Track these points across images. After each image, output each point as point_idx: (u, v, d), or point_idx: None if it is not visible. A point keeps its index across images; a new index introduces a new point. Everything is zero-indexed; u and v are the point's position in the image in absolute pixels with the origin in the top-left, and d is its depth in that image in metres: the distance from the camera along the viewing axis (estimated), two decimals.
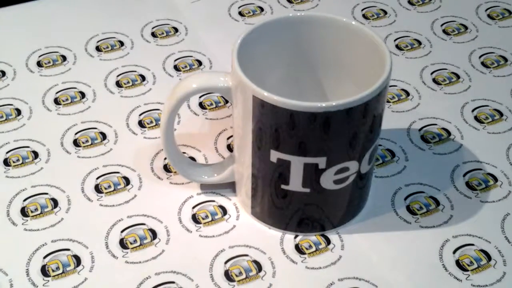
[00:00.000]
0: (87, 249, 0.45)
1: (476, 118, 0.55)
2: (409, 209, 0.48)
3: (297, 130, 0.41)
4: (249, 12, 0.64)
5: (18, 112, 0.54)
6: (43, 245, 0.45)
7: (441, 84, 0.58)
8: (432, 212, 0.48)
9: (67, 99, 0.55)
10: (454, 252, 0.46)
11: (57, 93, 0.56)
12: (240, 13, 0.64)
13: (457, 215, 0.48)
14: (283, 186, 0.44)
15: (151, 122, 0.54)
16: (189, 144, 0.52)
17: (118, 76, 0.58)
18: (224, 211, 0.48)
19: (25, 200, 0.48)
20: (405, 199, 0.49)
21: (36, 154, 0.51)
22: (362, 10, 0.65)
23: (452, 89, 0.57)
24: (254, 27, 0.45)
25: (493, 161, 0.51)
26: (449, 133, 0.53)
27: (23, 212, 0.47)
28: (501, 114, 0.55)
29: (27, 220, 0.47)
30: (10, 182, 0.49)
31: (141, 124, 0.54)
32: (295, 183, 0.43)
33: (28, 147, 0.52)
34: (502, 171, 0.51)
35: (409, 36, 0.62)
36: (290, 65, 0.48)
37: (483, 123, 0.54)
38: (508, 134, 0.53)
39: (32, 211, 0.47)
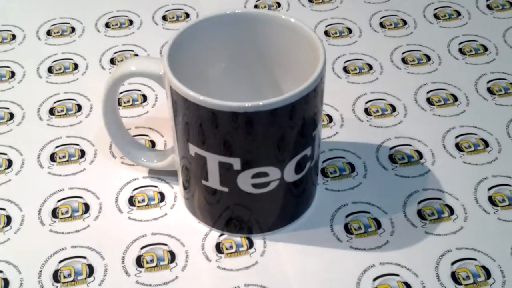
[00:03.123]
0: (20, 212, 0.47)
1: (457, 145, 0.51)
2: (346, 227, 0.46)
3: (214, 128, 0.40)
4: (265, 7, 0.63)
5: (12, 74, 0.57)
6: None
7: (434, 105, 0.54)
8: (369, 234, 0.45)
9: (60, 69, 0.58)
10: (375, 279, 0.43)
11: (53, 62, 0.58)
12: (256, 6, 0.64)
13: (394, 242, 0.45)
14: (203, 182, 0.43)
15: (128, 101, 0.55)
16: (155, 128, 0.53)
17: (115, 53, 0.59)
18: (162, 198, 0.48)
19: None
20: (347, 216, 0.46)
21: (11, 116, 0.54)
22: (382, 18, 0.62)
23: (444, 111, 0.54)
24: (196, 21, 0.44)
25: (458, 193, 0.48)
26: (421, 156, 0.50)
27: None
28: (487, 145, 0.51)
29: None
30: None
31: (118, 102, 0.55)
32: (214, 180, 0.43)
33: (7, 108, 0.54)
34: (463, 205, 0.47)
35: (420, 51, 0.59)
36: (239, 61, 0.47)
37: (462, 151, 0.51)
38: (486, 167, 0.49)
39: None
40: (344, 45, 0.60)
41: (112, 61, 0.58)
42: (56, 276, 0.43)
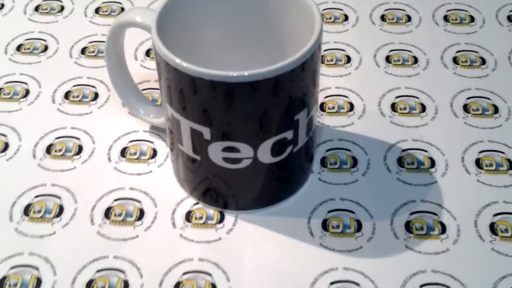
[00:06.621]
0: (19, 142, 0.48)
1: (477, 161, 0.46)
2: (324, 223, 0.43)
3: (192, 94, 0.39)
4: None
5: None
6: None
7: (469, 113, 0.49)
8: (345, 235, 0.42)
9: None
10: (332, 283, 0.40)
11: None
12: None
13: (368, 249, 0.42)
14: (179, 146, 0.42)
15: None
16: None
17: None
18: (154, 155, 0.47)
19: None
20: (329, 212, 0.44)
21: (46, 48, 0.55)
22: (448, 11, 0.57)
23: (478, 122, 0.49)
24: None
25: (458, 212, 0.43)
26: (433, 165, 0.46)
27: None
28: (511, 166, 0.46)
29: None
30: None
31: (147, 53, 0.54)
32: (187, 146, 0.41)
33: (45, 40, 0.56)
34: (458, 226, 0.43)
35: (477, 52, 0.54)
36: (240, 27, 0.45)
37: (481, 169, 0.46)
38: (501, 190, 0.44)
39: None
40: (397, 33, 0.56)
41: None
42: (26, 211, 0.44)
